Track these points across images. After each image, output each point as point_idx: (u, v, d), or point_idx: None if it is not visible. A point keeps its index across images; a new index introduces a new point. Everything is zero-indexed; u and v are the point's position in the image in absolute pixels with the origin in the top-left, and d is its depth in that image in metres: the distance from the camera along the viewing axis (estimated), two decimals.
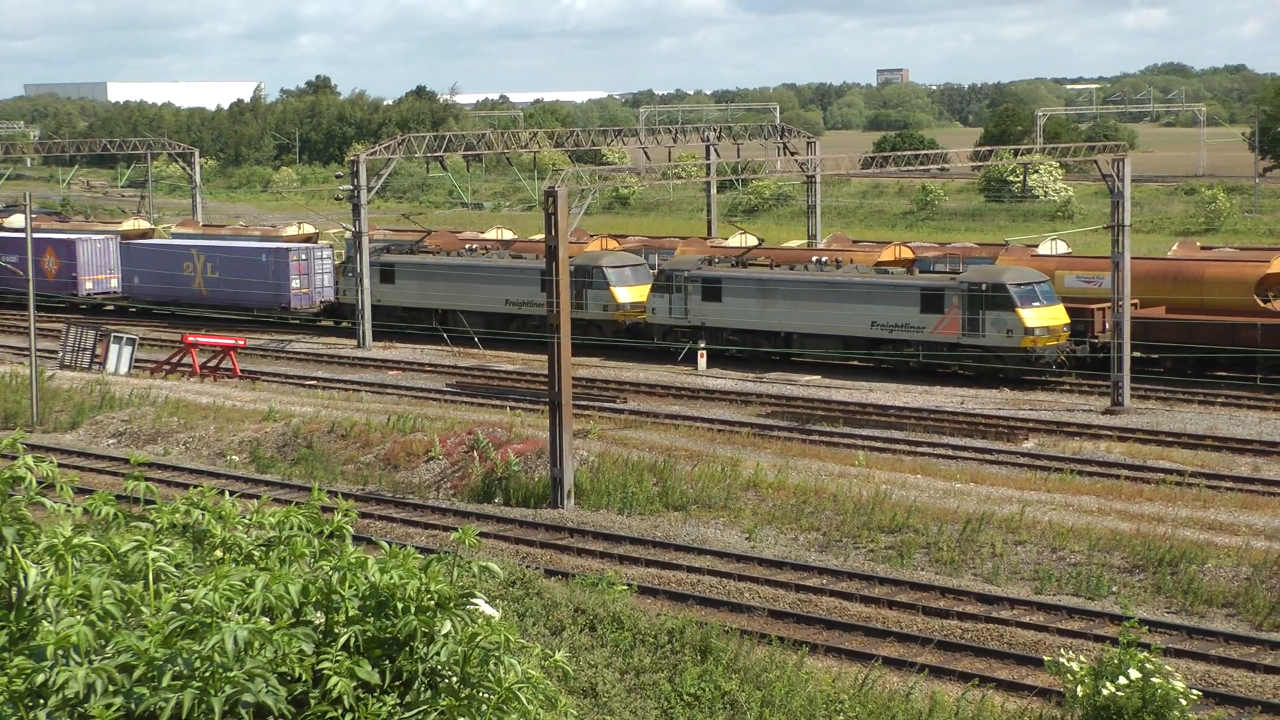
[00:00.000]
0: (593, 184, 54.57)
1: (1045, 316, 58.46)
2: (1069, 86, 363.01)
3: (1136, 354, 55.78)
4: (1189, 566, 34.14)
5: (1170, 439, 48.99)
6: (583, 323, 66.82)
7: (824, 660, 29.22)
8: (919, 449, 48.28)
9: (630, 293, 68.88)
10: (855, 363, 63.68)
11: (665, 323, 67.43)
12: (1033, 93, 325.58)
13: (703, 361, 64.08)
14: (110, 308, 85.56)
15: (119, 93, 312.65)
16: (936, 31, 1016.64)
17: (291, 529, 7.65)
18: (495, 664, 7.26)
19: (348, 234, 75.06)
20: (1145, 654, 20.19)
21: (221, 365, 63.84)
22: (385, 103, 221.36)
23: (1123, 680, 20.04)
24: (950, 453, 47.71)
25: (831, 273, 64.22)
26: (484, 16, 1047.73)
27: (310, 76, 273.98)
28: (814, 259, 67.16)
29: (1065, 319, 58.78)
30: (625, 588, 28.93)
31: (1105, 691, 20.10)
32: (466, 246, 77.84)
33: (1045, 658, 26.27)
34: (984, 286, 58.76)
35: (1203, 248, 72.29)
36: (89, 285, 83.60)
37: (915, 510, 38.73)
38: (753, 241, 79.47)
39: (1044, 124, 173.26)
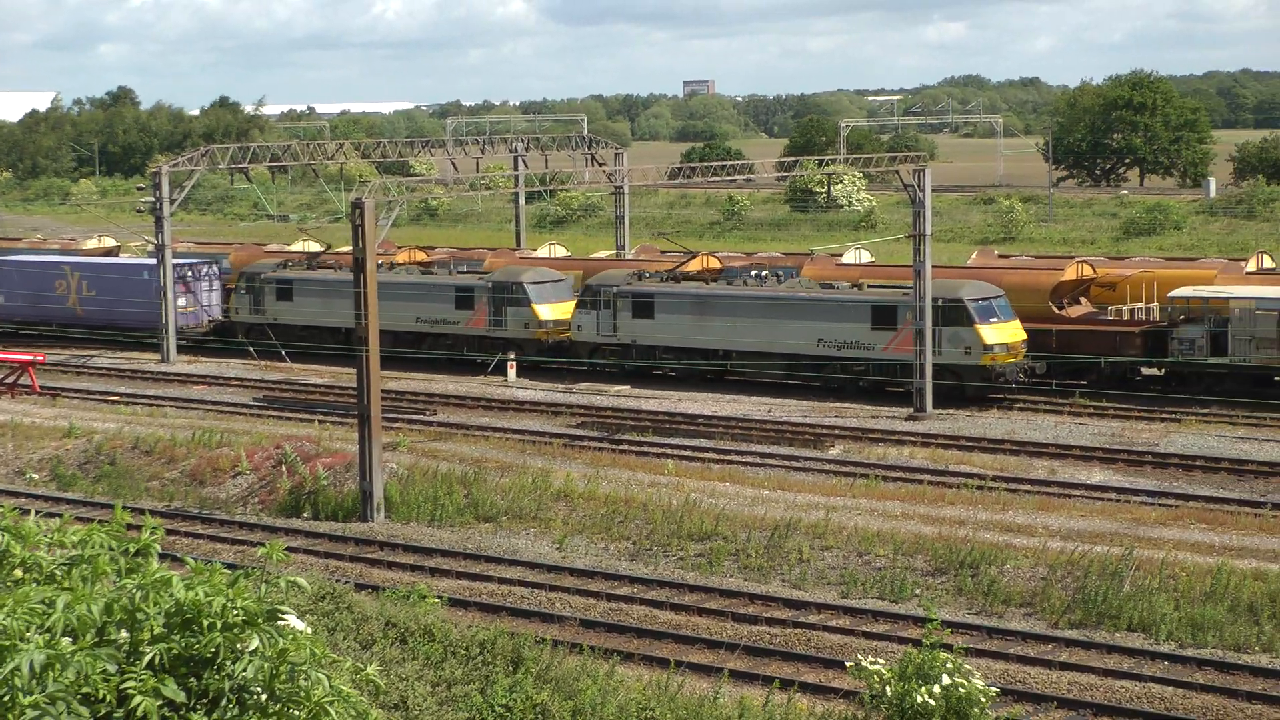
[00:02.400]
0: (400, 195, 54.22)
1: (1004, 333, 56.57)
2: (871, 98, 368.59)
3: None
4: (989, 568, 34.91)
5: (971, 444, 49.99)
6: (503, 342, 65.86)
7: (635, 668, 29.38)
8: (727, 457, 48.72)
9: (553, 310, 66.04)
10: (798, 382, 60.83)
11: (592, 341, 64.63)
12: (836, 104, 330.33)
13: (512, 372, 64.00)
14: None
15: None
16: (743, 44, 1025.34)
17: (94, 547, 7.58)
18: (304, 679, 7.25)
19: (150, 247, 73.77)
20: (947, 655, 20.62)
21: (20, 382, 62.34)
22: (188, 114, 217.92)
23: (937, 688, 20.44)
24: (758, 460, 48.21)
25: (775, 288, 61.42)
26: (291, 26, 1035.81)
27: (112, 86, 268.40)
28: (752, 272, 64.61)
29: (1022, 335, 57.04)
30: (436, 600, 28.83)
31: (919, 699, 20.48)
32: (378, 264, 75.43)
33: (848, 663, 26.66)
34: (940, 302, 55.84)
35: (1001, 256, 73.98)
36: None
37: (724, 518, 39.10)
38: (563, 252, 79.59)
39: (847, 135, 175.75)
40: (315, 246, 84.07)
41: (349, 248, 44.99)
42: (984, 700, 20.48)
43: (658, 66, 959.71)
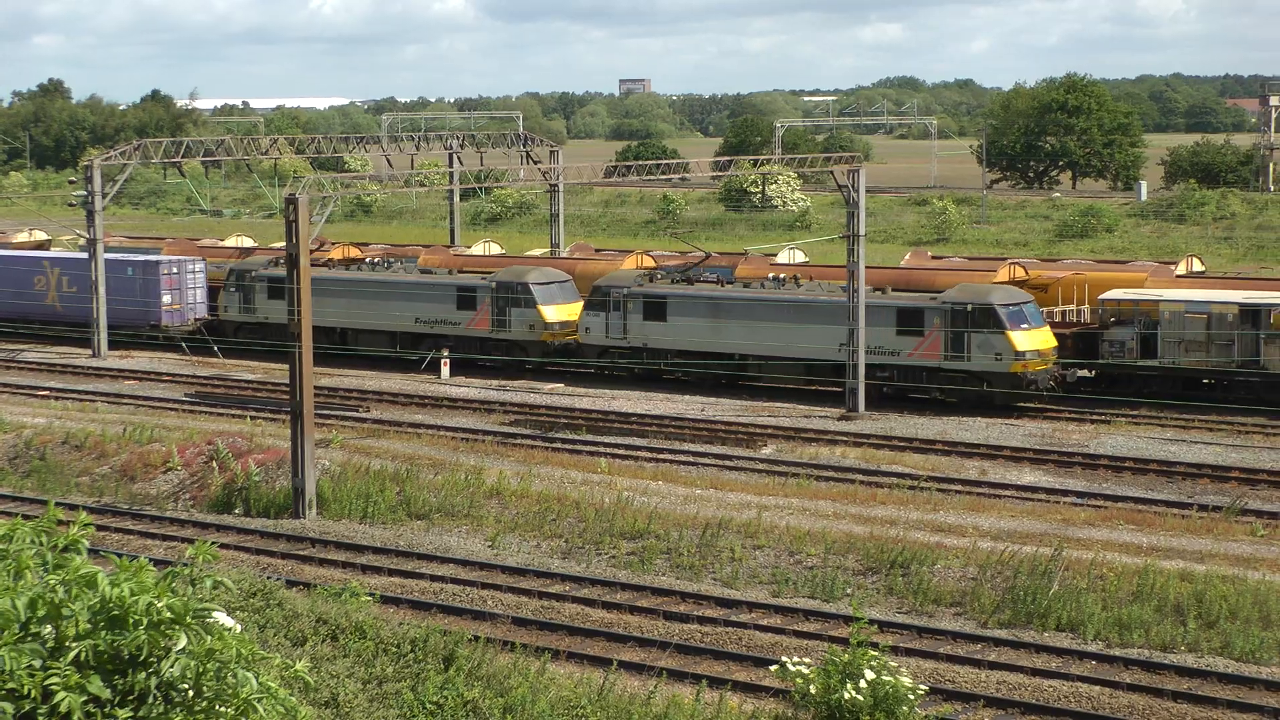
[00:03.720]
0: (334, 191, 53.90)
1: (1036, 339, 55.07)
2: (806, 98, 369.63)
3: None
4: (920, 568, 35.10)
5: (903, 444, 50.25)
6: (506, 344, 64.52)
7: (566, 666, 29.39)
8: (660, 456, 48.79)
9: (558, 311, 64.11)
10: (819, 388, 58.92)
11: (600, 344, 62.80)
12: (771, 104, 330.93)
13: (446, 370, 63.87)
14: None
15: None
16: (681, 43, 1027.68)
17: (19, 542, 7.53)
18: (232, 677, 7.23)
19: (81, 241, 73.12)
20: (874, 653, 20.75)
21: None
22: (120, 107, 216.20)
23: (862, 684, 20.55)
24: (691, 459, 48.30)
25: (795, 291, 59.60)
26: (229, 20, 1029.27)
27: (44, 79, 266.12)
28: (770, 276, 62.63)
29: (1053, 341, 55.72)
30: (368, 597, 28.72)
31: (846, 696, 20.59)
32: (367, 260, 72.33)
33: (774, 667, 26.76)
34: (970, 307, 54.98)
35: (934, 257, 74.35)
36: None
37: (656, 516, 39.15)
38: (497, 250, 79.46)
39: (782, 135, 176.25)
40: (249, 242, 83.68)
41: (282, 243, 44.79)
42: (912, 698, 20.62)
43: (595, 64, 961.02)
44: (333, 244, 77.95)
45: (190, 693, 7.12)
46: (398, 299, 66.65)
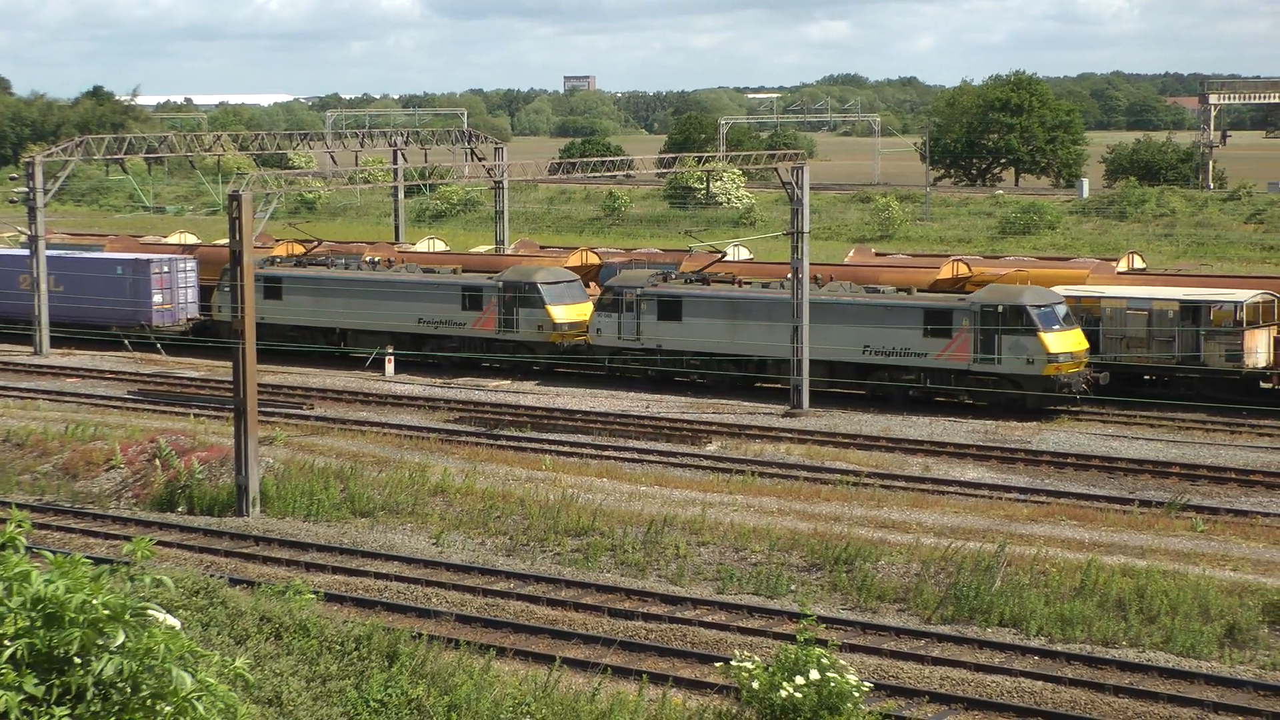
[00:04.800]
0: (278, 188, 53.61)
1: (1068, 341, 53.57)
2: (751, 95, 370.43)
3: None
4: (864, 564, 35.19)
5: (847, 441, 50.37)
6: (514, 344, 63.12)
7: (511, 663, 29.33)
8: (605, 453, 48.77)
9: (568, 312, 62.60)
10: (840, 390, 57.45)
11: (612, 345, 60.92)
12: (716, 101, 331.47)
13: (390, 367, 63.67)
14: None
15: None
16: (626, 40, 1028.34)
17: None
18: (170, 675, 7.17)
19: (22, 238, 72.48)
20: (821, 650, 20.78)
21: None
22: (62, 103, 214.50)
23: (800, 680, 20.58)
24: (636, 456, 48.30)
25: (816, 292, 57.57)
26: (171, 16, 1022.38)
27: None
28: (789, 276, 60.50)
29: (1085, 344, 54.27)
30: (312, 595, 28.54)
31: (784, 693, 20.61)
32: (368, 260, 70.27)
33: (720, 664, 26.81)
34: (1000, 308, 53.74)
35: (878, 254, 74.67)
36: None
37: (601, 513, 39.14)
38: (441, 247, 79.26)
39: (727, 132, 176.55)
40: (192, 239, 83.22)
41: (225, 240, 44.55)
42: (856, 695, 20.67)
43: (540, 61, 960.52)
44: (277, 241, 77.58)
45: (128, 690, 7.06)
46: (400, 299, 64.93)
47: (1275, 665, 30.14)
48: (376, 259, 70.07)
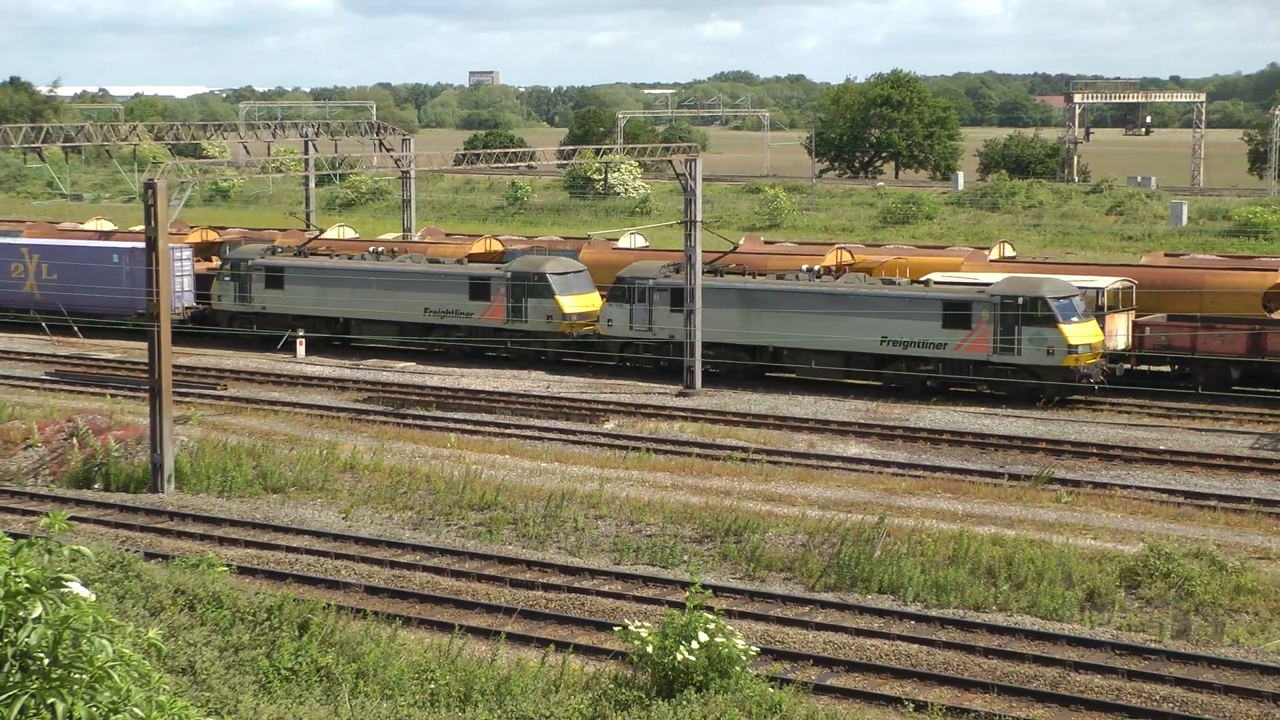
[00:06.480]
0: (192, 177, 53.01)
1: (1086, 332, 52.16)
2: (647, 91, 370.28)
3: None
4: (752, 535, 35.41)
5: (737, 419, 50.59)
6: (523, 335, 61.00)
7: (417, 632, 29.29)
8: (507, 431, 48.71)
9: (576, 302, 60.55)
10: (857, 381, 56.10)
11: (623, 336, 58.83)
12: (614, 96, 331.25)
13: (301, 349, 63.19)
14: None
15: None
16: (529, 37, 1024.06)
17: None
18: (87, 645, 7.14)
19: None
20: (708, 616, 20.92)
21: None
22: None
23: (695, 644, 20.70)
24: (536, 434, 48.27)
25: (833, 283, 56.49)
26: (90, 10, 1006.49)
27: None
28: (803, 267, 59.32)
29: (1100, 334, 52.78)
30: (225, 568, 28.37)
31: (680, 657, 20.72)
32: (371, 249, 67.20)
33: (615, 630, 26.90)
34: (1020, 299, 52.07)
35: (766, 242, 74.98)
36: None
37: (504, 489, 39.12)
38: (351, 234, 78.68)
39: (624, 126, 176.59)
40: (109, 225, 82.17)
41: (140, 227, 44.06)
42: (745, 659, 20.83)
43: (446, 57, 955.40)
44: (191, 228, 76.75)
45: (46, 661, 7.02)
46: (406, 289, 62.74)
47: (1131, 626, 30.69)
48: (380, 250, 67.82)
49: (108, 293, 67.10)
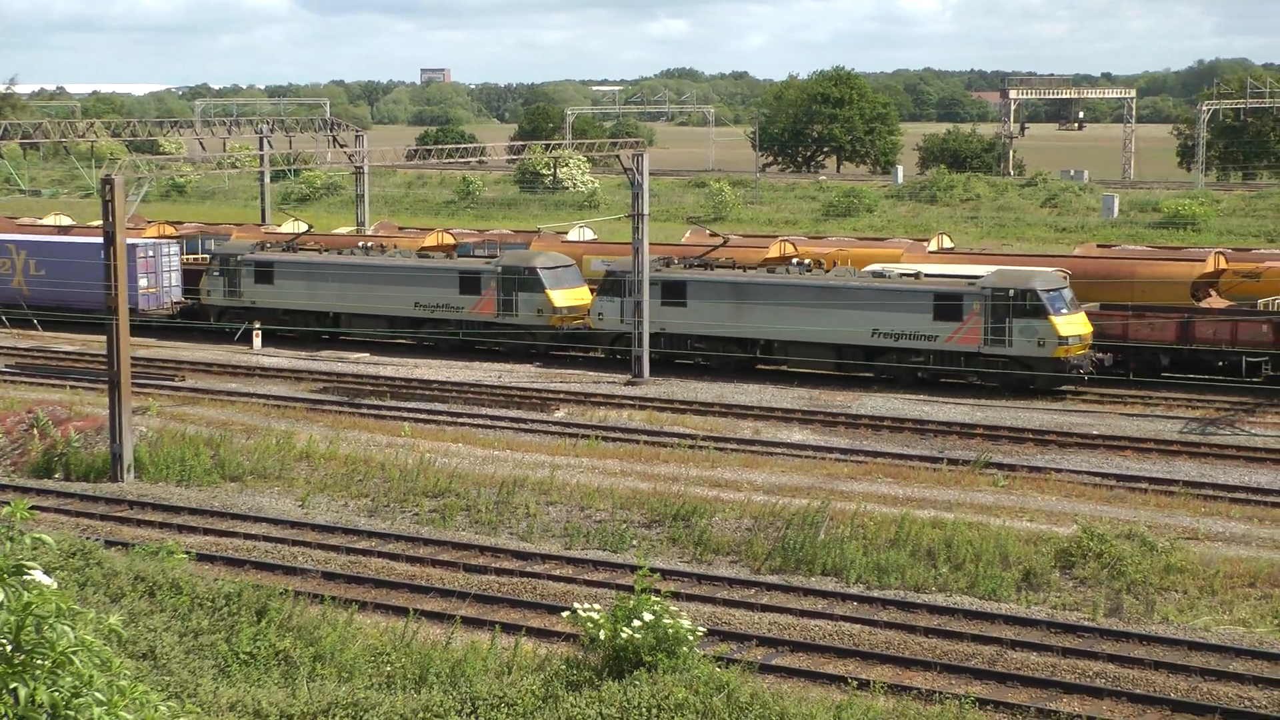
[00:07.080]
0: (149, 173, 52.63)
1: (1076, 324, 51.57)
2: (595, 88, 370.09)
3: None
4: (699, 520, 35.49)
5: (684, 407, 50.65)
6: (513, 329, 60.05)
7: (373, 616, 29.26)
8: (460, 420, 48.63)
9: (566, 296, 59.60)
10: (845, 374, 55.18)
11: (615, 329, 57.68)
12: (563, 93, 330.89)
13: (258, 340, 62.89)
14: None
15: None
16: (480, 35, 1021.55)
17: None
18: (49, 631, 7.12)
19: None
20: (655, 598, 20.96)
21: None
22: None
23: (637, 623, 20.73)
24: (489, 423, 48.22)
25: (824, 276, 55.62)
26: (49, 9, 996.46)
27: None
28: (794, 260, 58.72)
29: (1089, 326, 52.25)
30: (184, 556, 28.25)
31: (624, 635, 20.75)
32: (360, 245, 66.22)
33: (565, 613, 26.90)
34: (1011, 292, 51.44)
35: (712, 234, 75.04)
36: None
37: (457, 476, 39.08)
38: (303, 228, 78.37)
39: (573, 122, 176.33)
40: (68, 220, 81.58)
41: (99, 222, 43.78)
42: (691, 639, 20.87)
43: (399, 55, 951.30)
44: (148, 223, 76.26)
45: (9, 647, 6.99)
46: (396, 283, 61.90)
47: (1065, 605, 30.94)
48: (370, 244, 66.86)
49: (98, 288, 65.99)
